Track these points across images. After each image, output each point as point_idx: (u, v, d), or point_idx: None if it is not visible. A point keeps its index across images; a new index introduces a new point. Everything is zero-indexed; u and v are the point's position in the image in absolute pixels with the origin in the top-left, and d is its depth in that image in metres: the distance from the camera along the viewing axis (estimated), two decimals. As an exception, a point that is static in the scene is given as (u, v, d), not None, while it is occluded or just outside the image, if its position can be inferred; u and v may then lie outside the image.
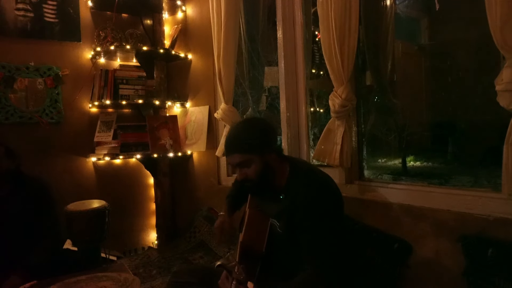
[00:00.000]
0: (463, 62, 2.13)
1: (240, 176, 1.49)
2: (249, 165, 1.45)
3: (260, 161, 1.45)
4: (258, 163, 1.45)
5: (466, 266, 1.45)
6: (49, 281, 1.58)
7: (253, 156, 1.44)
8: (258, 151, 1.45)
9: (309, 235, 1.37)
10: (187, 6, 3.11)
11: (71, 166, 2.97)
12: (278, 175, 1.50)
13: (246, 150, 1.45)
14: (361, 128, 2.10)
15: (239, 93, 2.87)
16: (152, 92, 3.03)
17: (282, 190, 1.50)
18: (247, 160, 1.45)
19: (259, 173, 1.45)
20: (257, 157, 1.45)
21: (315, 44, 2.40)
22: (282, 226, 1.48)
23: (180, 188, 3.23)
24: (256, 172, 1.45)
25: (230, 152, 1.50)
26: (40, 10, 2.84)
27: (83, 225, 2.41)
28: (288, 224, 1.45)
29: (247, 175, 1.47)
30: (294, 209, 1.42)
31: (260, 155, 1.45)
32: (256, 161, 1.45)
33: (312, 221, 1.37)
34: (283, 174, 1.51)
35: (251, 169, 1.45)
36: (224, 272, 1.43)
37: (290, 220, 1.44)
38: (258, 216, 1.54)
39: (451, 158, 2.28)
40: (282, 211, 1.48)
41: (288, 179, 1.50)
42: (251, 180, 1.47)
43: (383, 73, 2.23)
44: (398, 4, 2.29)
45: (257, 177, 1.45)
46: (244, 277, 1.32)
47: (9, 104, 2.71)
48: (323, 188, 1.46)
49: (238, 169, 1.49)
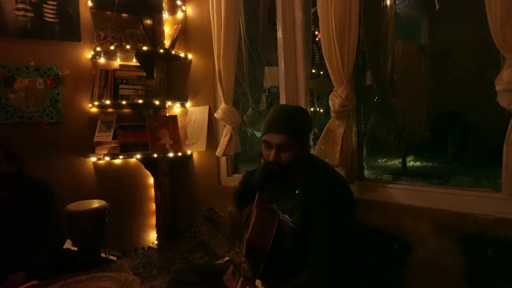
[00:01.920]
0: (463, 62, 2.12)
1: (275, 157, 1.42)
2: (288, 149, 1.41)
3: (298, 150, 1.42)
4: (296, 150, 1.42)
5: (466, 266, 1.45)
6: (49, 281, 1.58)
7: (296, 143, 1.42)
8: (302, 140, 1.44)
9: (321, 232, 1.36)
10: (187, 6, 3.11)
11: (71, 166, 2.97)
12: (298, 169, 1.48)
13: (295, 133, 1.41)
14: (361, 128, 2.10)
15: (239, 93, 2.87)
16: (152, 92, 3.03)
17: (299, 185, 1.49)
18: (290, 143, 1.41)
19: (291, 161, 1.42)
20: (298, 145, 1.42)
21: (315, 44, 2.40)
22: (294, 221, 1.46)
23: (180, 188, 3.23)
24: (290, 159, 1.41)
25: (277, 131, 1.42)
26: (40, 10, 2.84)
27: (83, 225, 2.41)
28: (302, 219, 1.43)
29: (281, 159, 1.42)
30: (310, 205, 1.41)
31: (301, 144, 1.44)
32: (296, 148, 1.42)
33: (327, 218, 1.36)
34: (302, 169, 1.49)
35: (287, 154, 1.41)
36: (231, 268, 1.41)
37: (304, 215, 1.42)
38: (265, 215, 1.54)
39: (451, 158, 2.28)
40: (296, 206, 1.46)
41: (305, 175, 1.48)
42: (281, 165, 1.42)
43: (383, 73, 2.22)
44: (398, 4, 2.29)
45: (288, 164, 1.42)
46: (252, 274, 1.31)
47: (9, 104, 2.71)
48: (340, 188, 1.45)
49: (274, 150, 1.42)
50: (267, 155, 1.46)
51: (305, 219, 1.42)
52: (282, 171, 1.44)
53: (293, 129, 1.42)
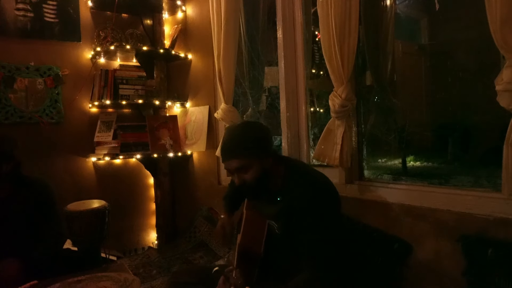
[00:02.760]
0: (463, 62, 2.13)
1: (238, 181, 1.46)
2: (247, 170, 1.44)
3: (258, 166, 1.44)
4: (256, 167, 1.43)
5: (466, 266, 1.45)
6: (49, 281, 1.58)
7: (251, 161, 1.43)
8: (256, 156, 1.44)
9: (307, 236, 1.36)
10: (187, 6, 3.11)
11: (71, 166, 2.97)
12: (274, 177, 1.49)
13: (244, 155, 1.43)
14: (361, 128, 2.10)
15: (239, 93, 2.87)
16: (152, 92, 3.03)
17: (279, 191, 1.49)
18: (245, 165, 1.43)
19: (256, 178, 1.44)
20: (255, 162, 1.43)
21: (315, 44, 2.40)
22: (280, 227, 1.48)
23: (180, 188, 3.23)
24: (254, 177, 1.44)
25: (227, 158, 1.47)
26: (40, 10, 2.84)
27: (83, 225, 2.40)
28: (286, 225, 1.45)
29: (245, 180, 1.45)
30: (292, 210, 1.41)
31: (258, 159, 1.44)
32: (254, 165, 1.43)
33: (310, 221, 1.37)
34: (279, 176, 1.50)
35: (248, 174, 1.44)
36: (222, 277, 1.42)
37: (288, 221, 1.43)
38: (255, 218, 1.53)
39: (451, 158, 2.28)
40: (279, 212, 1.47)
41: (284, 180, 1.49)
42: (249, 185, 1.45)
43: (383, 73, 2.22)
44: (398, 4, 2.29)
45: (254, 182, 1.44)
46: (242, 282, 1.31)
47: (9, 104, 2.71)
48: (319, 188, 1.45)
49: (236, 174, 1.47)
50: (233, 179, 1.52)
51: (290, 226, 1.43)
52: (253, 190, 1.47)
53: (242, 150, 1.43)
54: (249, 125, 1.60)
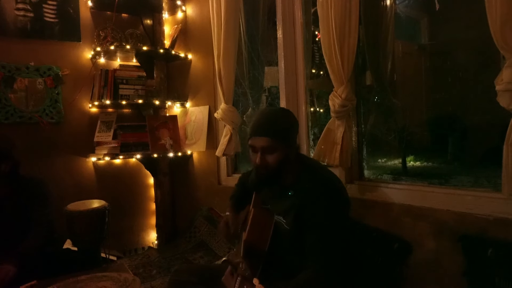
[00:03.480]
0: (463, 62, 2.12)
1: (260, 161, 1.43)
2: (273, 152, 1.42)
3: (283, 151, 1.43)
4: (281, 152, 1.42)
5: (466, 266, 1.45)
6: (49, 281, 1.58)
7: (280, 144, 1.42)
8: (287, 141, 1.44)
9: (317, 233, 1.36)
10: (187, 6, 3.11)
11: (71, 166, 2.97)
12: (290, 171, 1.49)
13: (278, 136, 1.42)
14: (361, 128, 2.10)
15: (239, 93, 2.87)
16: (152, 92, 3.04)
17: (291, 186, 1.49)
18: (274, 146, 1.41)
19: (278, 163, 1.42)
20: (283, 147, 1.43)
21: (315, 44, 2.40)
22: (289, 222, 1.47)
23: (180, 188, 3.23)
24: (276, 161, 1.42)
25: (258, 134, 1.43)
26: (40, 10, 2.84)
27: (83, 225, 2.41)
28: (296, 220, 1.44)
29: (267, 162, 1.43)
30: (303, 206, 1.41)
31: (286, 145, 1.43)
32: (281, 150, 1.42)
33: (321, 219, 1.36)
34: (293, 170, 1.49)
35: (273, 157, 1.42)
36: (229, 268, 1.41)
37: (298, 216, 1.43)
38: (262, 215, 1.53)
39: (451, 158, 2.28)
40: (290, 207, 1.46)
41: (298, 176, 1.48)
42: (269, 168, 1.43)
43: (383, 73, 2.22)
44: (398, 4, 2.29)
45: (276, 167, 1.43)
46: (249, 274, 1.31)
47: (9, 104, 2.71)
48: (333, 187, 1.45)
49: (259, 154, 1.44)
50: (254, 159, 1.47)
51: (299, 221, 1.42)
52: (271, 175, 1.45)
53: (276, 131, 1.42)
54: (286, 111, 1.57)
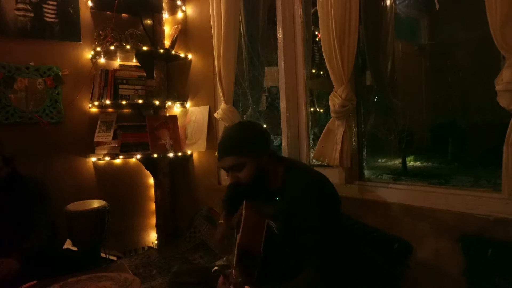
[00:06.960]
0: (463, 62, 2.13)
1: (232, 179, 1.47)
2: (241, 168, 1.44)
3: (252, 164, 1.44)
4: (250, 166, 1.44)
5: (466, 266, 1.45)
6: (49, 281, 1.58)
7: (245, 159, 1.43)
8: (250, 154, 1.44)
9: (307, 236, 1.36)
10: (187, 6, 3.11)
11: (71, 166, 2.97)
12: (273, 177, 1.50)
13: (238, 153, 1.44)
14: (361, 128, 2.10)
15: (239, 93, 2.87)
16: (152, 92, 3.03)
17: (278, 192, 1.49)
18: (239, 163, 1.44)
19: (251, 177, 1.44)
20: (250, 160, 1.44)
21: (315, 44, 2.40)
22: (279, 227, 1.47)
23: (180, 188, 3.23)
24: (248, 176, 1.44)
25: (222, 155, 1.48)
26: (40, 10, 2.84)
27: (83, 225, 2.41)
28: (285, 225, 1.44)
29: (239, 178, 1.46)
30: (291, 210, 1.41)
31: (253, 158, 1.44)
32: (249, 164, 1.44)
33: (309, 222, 1.37)
34: (278, 176, 1.50)
35: (243, 173, 1.44)
36: (221, 278, 1.41)
37: (287, 221, 1.43)
38: (254, 217, 1.53)
39: (451, 158, 2.28)
40: (278, 212, 1.47)
41: (283, 180, 1.49)
42: (244, 184, 1.46)
43: (383, 73, 2.23)
44: (398, 4, 2.29)
45: (250, 181, 1.45)
46: (242, 281, 1.31)
47: (9, 104, 2.71)
48: (319, 188, 1.45)
49: (230, 173, 1.48)
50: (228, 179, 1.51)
51: (288, 226, 1.43)
52: (249, 189, 1.48)
53: (236, 148, 1.44)
54: (243, 124, 1.62)
